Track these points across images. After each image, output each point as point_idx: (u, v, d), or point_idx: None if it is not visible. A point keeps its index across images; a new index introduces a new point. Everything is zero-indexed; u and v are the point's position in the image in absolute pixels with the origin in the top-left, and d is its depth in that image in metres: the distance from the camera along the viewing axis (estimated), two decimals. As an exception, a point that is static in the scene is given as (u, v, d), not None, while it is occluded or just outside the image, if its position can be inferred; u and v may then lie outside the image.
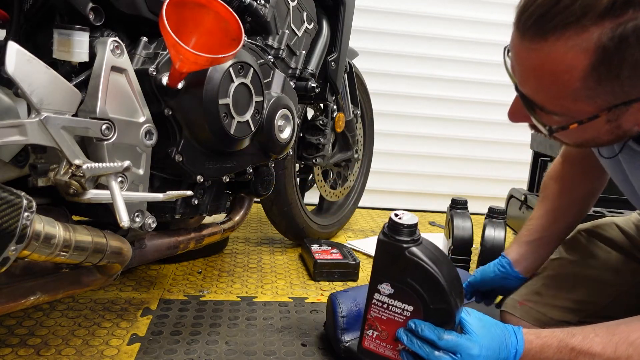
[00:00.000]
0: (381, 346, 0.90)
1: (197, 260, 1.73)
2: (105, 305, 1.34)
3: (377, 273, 0.89)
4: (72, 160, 0.83)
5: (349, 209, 2.19)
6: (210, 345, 1.19)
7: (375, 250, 0.90)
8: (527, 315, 1.14)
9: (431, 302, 0.84)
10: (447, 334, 0.82)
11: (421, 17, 2.62)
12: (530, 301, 1.15)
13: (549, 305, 1.14)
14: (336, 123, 1.84)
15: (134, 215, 0.98)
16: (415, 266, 0.84)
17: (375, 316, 0.89)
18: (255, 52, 1.20)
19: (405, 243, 0.84)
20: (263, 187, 1.33)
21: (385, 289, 0.87)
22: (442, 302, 0.83)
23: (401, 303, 0.86)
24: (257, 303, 1.44)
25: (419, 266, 0.83)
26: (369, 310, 0.90)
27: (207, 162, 1.10)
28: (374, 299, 0.89)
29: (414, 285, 0.84)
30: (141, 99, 0.96)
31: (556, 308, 1.13)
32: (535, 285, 1.17)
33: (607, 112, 0.70)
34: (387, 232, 0.86)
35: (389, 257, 0.86)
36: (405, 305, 0.86)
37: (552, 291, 1.15)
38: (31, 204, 0.74)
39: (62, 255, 0.82)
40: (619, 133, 0.74)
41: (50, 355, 1.10)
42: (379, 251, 0.89)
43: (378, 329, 0.89)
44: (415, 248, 0.84)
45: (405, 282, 0.85)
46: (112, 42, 0.90)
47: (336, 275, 1.65)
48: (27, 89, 0.77)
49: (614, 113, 0.70)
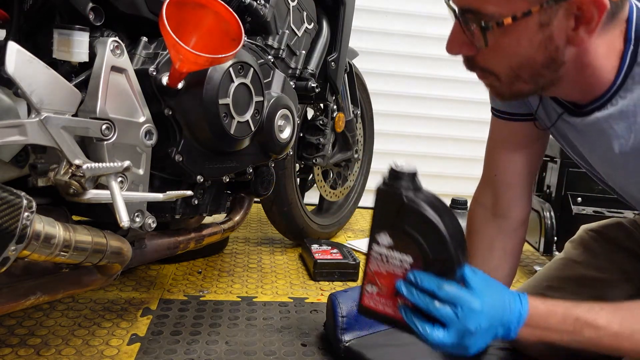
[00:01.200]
0: (381, 303, 0.84)
1: (197, 260, 1.72)
2: (105, 305, 1.34)
3: (376, 224, 0.83)
4: (72, 160, 0.83)
5: (349, 209, 2.19)
6: (210, 345, 1.19)
7: (374, 202, 0.84)
8: None
9: (431, 252, 0.78)
10: (448, 285, 0.78)
11: (421, 17, 2.62)
12: None
13: None
14: (336, 123, 1.84)
15: (134, 215, 0.98)
16: (414, 213, 0.78)
17: (374, 270, 0.84)
18: (255, 52, 1.20)
19: (404, 190, 0.79)
20: (263, 187, 1.33)
21: (383, 239, 0.82)
22: (443, 252, 0.78)
23: (400, 254, 0.81)
24: (257, 303, 1.44)
25: (418, 213, 0.78)
26: (368, 264, 0.85)
27: (207, 162, 1.10)
28: (372, 251, 0.83)
29: (413, 234, 0.79)
30: (141, 99, 0.96)
31: None
32: (539, 286, 1.15)
33: (540, 10, 0.71)
34: (387, 180, 0.81)
35: (387, 206, 0.81)
36: (404, 256, 0.80)
37: (556, 294, 1.11)
38: (31, 204, 0.74)
39: (62, 255, 0.82)
40: (552, 50, 0.75)
41: (50, 355, 1.10)
42: (377, 201, 0.83)
43: (377, 283, 0.84)
44: (415, 195, 0.79)
45: (404, 230, 0.79)
46: (112, 42, 0.90)
47: (336, 275, 1.65)
48: (27, 89, 0.77)
49: (546, 12, 0.72)
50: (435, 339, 0.77)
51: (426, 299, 0.77)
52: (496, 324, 0.79)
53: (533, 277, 1.21)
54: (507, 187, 1.10)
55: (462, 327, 0.76)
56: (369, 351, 1.12)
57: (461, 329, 0.76)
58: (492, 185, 1.13)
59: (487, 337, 0.79)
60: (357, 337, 1.17)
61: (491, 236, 1.12)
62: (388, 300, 0.84)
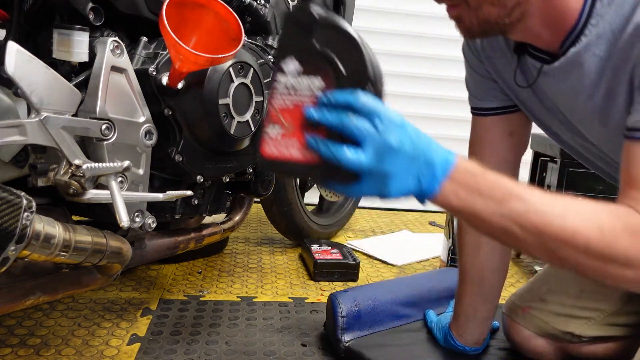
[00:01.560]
0: (286, 146, 0.71)
1: (197, 260, 1.72)
2: (105, 306, 1.34)
3: (281, 50, 0.73)
4: (72, 160, 0.83)
5: (349, 209, 2.19)
6: (210, 345, 1.19)
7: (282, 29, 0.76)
8: (531, 324, 1.12)
9: (346, 69, 0.69)
10: (366, 94, 0.67)
11: (422, 17, 2.62)
12: (535, 308, 1.13)
13: (554, 313, 1.11)
14: (336, 123, 1.84)
15: (133, 216, 0.98)
16: (327, 28, 0.70)
17: (279, 106, 0.72)
18: (255, 52, 1.20)
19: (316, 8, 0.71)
20: (263, 187, 1.33)
21: (290, 66, 0.71)
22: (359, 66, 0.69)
23: (309, 78, 0.70)
24: (257, 303, 1.44)
25: (331, 27, 0.70)
26: (271, 101, 0.72)
27: (207, 162, 1.10)
28: (276, 83, 0.72)
29: (326, 52, 0.69)
30: (141, 99, 0.96)
31: (561, 317, 1.11)
32: (539, 290, 1.15)
33: None
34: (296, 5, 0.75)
35: (296, 29, 0.72)
36: (314, 80, 0.70)
37: (557, 297, 1.12)
38: (31, 204, 0.74)
39: (62, 255, 0.82)
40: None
41: (50, 356, 1.10)
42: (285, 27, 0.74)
43: (282, 121, 0.71)
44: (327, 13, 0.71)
45: (315, 50, 0.70)
46: (112, 42, 0.90)
47: (336, 275, 1.65)
48: (27, 89, 0.77)
49: None
50: (351, 159, 0.65)
51: (340, 114, 0.66)
52: (420, 157, 0.67)
53: (532, 280, 1.20)
54: None
55: (382, 142, 0.65)
56: (369, 351, 1.12)
57: (381, 144, 0.65)
58: None
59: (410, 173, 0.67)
60: (357, 337, 1.17)
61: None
62: (294, 140, 0.71)
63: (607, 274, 0.69)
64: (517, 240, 0.70)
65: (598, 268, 0.69)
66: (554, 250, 0.69)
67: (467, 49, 1.05)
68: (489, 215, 0.69)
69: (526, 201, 0.68)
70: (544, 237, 0.68)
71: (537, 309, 1.13)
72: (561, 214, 0.68)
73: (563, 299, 1.12)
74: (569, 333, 1.10)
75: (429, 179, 0.68)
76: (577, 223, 0.68)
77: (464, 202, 0.69)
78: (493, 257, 1.10)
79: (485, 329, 1.14)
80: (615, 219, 0.68)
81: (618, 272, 0.68)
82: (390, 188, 0.67)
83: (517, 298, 1.17)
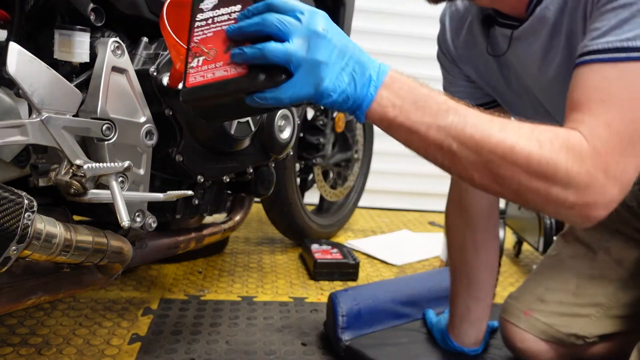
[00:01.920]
0: (210, 70, 0.68)
1: (197, 260, 1.73)
2: (106, 305, 1.35)
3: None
4: (73, 160, 0.84)
5: (349, 209, 2.19)
6: (211, 344, 1.19)
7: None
8: (534, 328, 1.10)
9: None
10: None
11: (422, 18, 2.62)
12: (535, 310, 1.11)
13: (556, 314, 1.10)
14: (336, 123, 1.85)
15: (134, 215, 0.98)
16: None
17: (199, 40, 0.70)
18: (256, 52, 1.20)
19: None
20: (263, 187, 1.33)
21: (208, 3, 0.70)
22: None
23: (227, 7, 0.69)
24: (257, 303, 1.44)
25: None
26: (191, 39, 0.71)
27: (207, 162, 1.11)
28: (195, 22, 0.71)
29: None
30: (142, 99, 0.96)
31: (564, 316, 1.09)
32: (537, 290, 1.13)
33: None
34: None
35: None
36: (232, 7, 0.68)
37: (556, 296, 1.11)
38: (32, 204, 0.74)
39: (63, 255, 0.82)
40: None
41: (51, 355, 1.10)
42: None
43: (204, 51, 0.69)
44: None
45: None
46: (113, 43, 0.90)
47: (336, 275, 1.65)
48: (28, 89, 0.77)
49: None
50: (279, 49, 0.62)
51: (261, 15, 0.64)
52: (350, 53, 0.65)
53: (526, 281, 1.18)
54: None
55: (307, 30, 0.63)
56: (369, 350, 1.12)
57: (306, 32, 0.63)
58: (456, 180, 1.15)
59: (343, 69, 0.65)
60: (357, 336, 1.17)
61: (461, 230, 1.13)
62: (219, 62, 0.68)
63: (550, 198, 0.66)
64: (454, 157, 0.67)
65: (541, 190, 0.65)
66: (493, 168, 0.66)
67: (442, 55, 1.08)
68: (425, 128, 0.66)
69: (464, 115, 0.66)
70: (482, 151, 0.65)
71: (538, 311, 1.10)
72: (500, 128, 0.66)
73: (562, 297, 1.11)
74: (574, 335, 1.09)
75: (363, 80, 0.66)
76: (516, 138, 0.65)
77: (400, 113, 0.66)
78: (479, 256, 1.11)
79: (481, 328, 1.15)
80: (554, 135, 0.66)
81: (561, 194, 0.65)
82: (325, 82, 0.64)
83: (516, 301, 1.14)
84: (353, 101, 0.66)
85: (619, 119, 0.66)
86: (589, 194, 0.65)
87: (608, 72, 0.68)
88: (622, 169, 0.66)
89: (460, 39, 1.02)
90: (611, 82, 0.68)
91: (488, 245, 1.12)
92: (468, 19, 0.99)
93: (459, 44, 1.02)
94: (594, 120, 0.67)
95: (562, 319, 1.10)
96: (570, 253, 1.16)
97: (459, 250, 1.14)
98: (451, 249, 1.16)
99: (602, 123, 0.66)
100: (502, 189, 0.68)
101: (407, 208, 2.76)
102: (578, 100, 0.70)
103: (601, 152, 0.65)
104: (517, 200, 0.70)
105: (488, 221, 1.12)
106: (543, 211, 0.70)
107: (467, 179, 0.69)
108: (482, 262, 1.12)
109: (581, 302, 1.10)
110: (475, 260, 1.11)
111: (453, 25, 1.04)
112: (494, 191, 0.69)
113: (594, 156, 0.65)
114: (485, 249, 1.12)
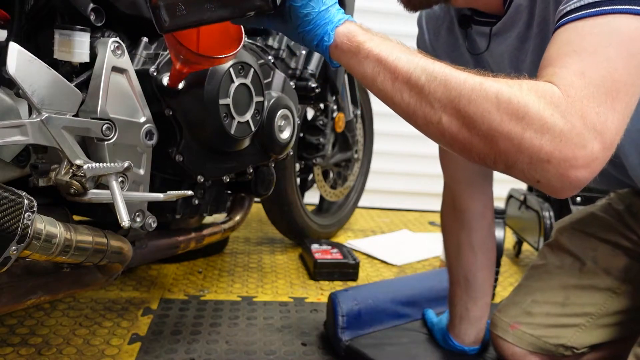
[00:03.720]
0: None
1: (197, 260, 1.73)
2: (106, 305, 1.35)
3: None
4: (73, 160, 0.84)
5: (349, 209, 2.19)
6: (211, 344, 1.19)
7: None
8: (521, 341, 1.08)
9: None
10: None
11: (421, 17, 2.63)
12: (522, 323, 1.09)
13: (543, 326, 1.08)
14: (336, 123, 1.85)
15: (134, 215, 0.98)
16: None
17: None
18: (256, 52, 1.20)
19: None
20: (263, 187, 1.33)
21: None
22: None
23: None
24: (257, 303, 1.44)
25: None
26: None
27: (207, 162, 1.11)
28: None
29: None
30: (142, 99, 0.96)
31: (551, 328, 1.08)
32: (524, 303, 1.11)
33: None
34: None
35: None
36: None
37: (544, 308, 1.09)
38: (32, 204, 0.74)
39: (63, 255, 0.82)
40: None
41: (51, 355, 1.10)
42: None
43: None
44: None
45: None
46: (113, 43, 0.90)
47: (336, 275, 1.65)
48: (28, 89, 0.77)
49: None
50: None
51: None
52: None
53: (513, 292, 1.16)
54: (459, 183, 1.12)
55: None
56: (369, 350, 1.12)
57: None
58: (448, 183, 1.15)
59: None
60: (357, 336, 1.17)
61: (456, 231, 1.14)
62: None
63: (523, 146, 0.60)
64: (421, 93, 0.64)
65: (513, 134, 0.60)
66: (461, 106, 0.62)
67: None
68: (393, 57, 0.65)
69: (432, 58, 0.66)
70: (450, 84, 0.62)
71: (525, 324, 1.09)
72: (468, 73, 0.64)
73: (549, 309, 1.09)
74: (562, 345, 1.07)
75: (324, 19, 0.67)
76: (483, 79, 0.63)
77: (370, 39, 0.67)
78: (475, 257, 1.11)
79: (480, 327, 1.15)
80: (521, 81, 0.63)
81: (535, 141, 0.59)
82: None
83: (503, 314, 1.12)
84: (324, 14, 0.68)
85: (593, 68, 0.62)
86: (567, 145, 0.59)
87: (580, 27, 0.65)
88: (602, 121, 0.60)
89: (440, 40, 1.02)
90: (584, 36, 0.64)
91: (484, 245, 1.13)
92: (446, 20, 0.99)
93: (439, 45, 1.02)
94: (565, 71, 0.62)
95: (550, 330, 1.08)
96: (556, 263, 1.14)
97: (456, 251, 1.14)
98: (448, 251, 1.17)
99: (575, 71, 0.62)
100: (471, 135, 0.63)
101: (407, 208, 2.76)
102: (549, 57, 0.66)
103: (576, 99, 0.60)
104: (489, 154, 0.63)
105: (482, 221, 1.12)
106: (515, 170, 0.63)
107: (433, 124, 0.65)
108: (479, 263, 1.12)
109: (570, 312, 1.08)
110: (472, 261, 1.12)
111: (431, 28, 1.04)
112: (462, 141, 0.64)
113: (568, 102, 0.60)
114: (481, 249, 1.12)
